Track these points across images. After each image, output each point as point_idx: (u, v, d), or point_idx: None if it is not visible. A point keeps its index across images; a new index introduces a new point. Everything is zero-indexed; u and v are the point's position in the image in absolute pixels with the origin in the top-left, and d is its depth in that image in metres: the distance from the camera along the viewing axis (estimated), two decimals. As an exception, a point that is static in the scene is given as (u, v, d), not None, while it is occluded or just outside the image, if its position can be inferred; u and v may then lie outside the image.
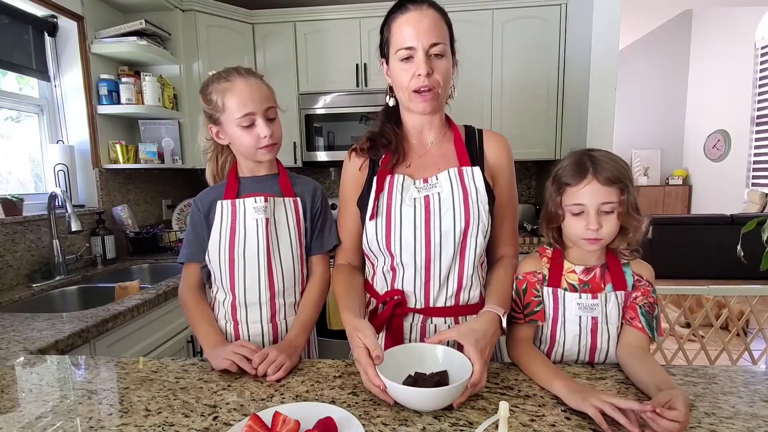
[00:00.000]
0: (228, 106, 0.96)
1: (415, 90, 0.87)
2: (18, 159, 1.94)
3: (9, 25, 1.81)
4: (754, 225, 1.70)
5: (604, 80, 2.16)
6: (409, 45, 0.85)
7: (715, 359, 1.62)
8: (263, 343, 1.00)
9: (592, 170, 0.81)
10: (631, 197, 0.82)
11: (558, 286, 0.87)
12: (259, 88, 0.98)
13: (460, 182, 0.91)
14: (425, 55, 0.85)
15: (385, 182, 0.93)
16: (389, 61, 0.91)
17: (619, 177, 0.81)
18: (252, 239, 0.99)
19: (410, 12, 0.85)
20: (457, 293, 0.92)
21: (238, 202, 1.00)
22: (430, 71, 0.85)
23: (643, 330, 0.82)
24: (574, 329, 0.86)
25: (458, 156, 0.94)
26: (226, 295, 1.01)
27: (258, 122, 0.96)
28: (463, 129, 1.00)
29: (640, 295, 0.85)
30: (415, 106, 0.90)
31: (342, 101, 2.61)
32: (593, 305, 0.84)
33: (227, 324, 1.02)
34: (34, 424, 0.68)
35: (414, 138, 0.98)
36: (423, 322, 0.93)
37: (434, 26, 0.85)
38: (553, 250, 0.91)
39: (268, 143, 0.98)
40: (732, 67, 5.70)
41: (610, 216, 0.81)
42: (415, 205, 0.90)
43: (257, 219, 0.99)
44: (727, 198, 5.72)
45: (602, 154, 0.84)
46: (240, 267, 0.99)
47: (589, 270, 0.87)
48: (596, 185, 0.80)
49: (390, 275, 0.94)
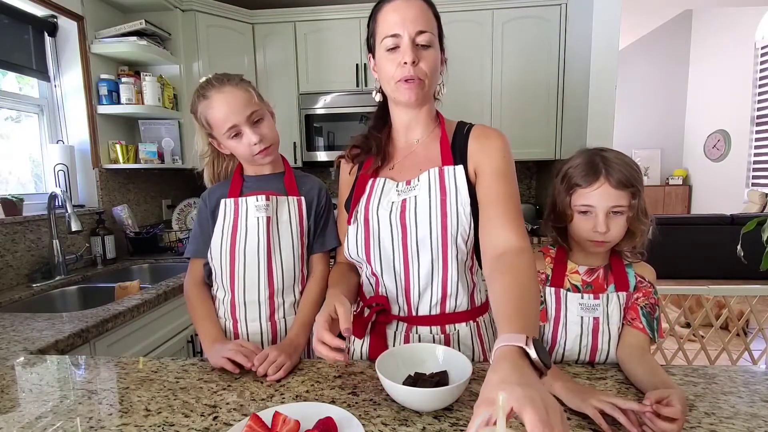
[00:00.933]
0: (213, 124, 0.97)
1: (399, 80, 0.83)
2: (18, 159, 1.94)
3: (9, 25, 1.81)
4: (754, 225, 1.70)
5: (604, 80, 2.16)
6: (394, 32, 0.81)
7: (715, 359, 1.62)
8: (262, 342, 1.01)
9: (604, 172, 0.80)
10: (641, 201, 0.81)
11: (561, 286, 0.87)
12: (235, 97, 0.95)
13: (440, 183, 0.85)
14: (411, 43, 0.80)
15: (366, 186, 0.91)
16: (375, 54, 0.87)
17: (631, 181, 0.80)
18: (252, 237, 0.99)
19: (396, 1, 0.82)
20: (442, 301, 0.87)
21: (241, 200, 1.01)
22: (416, 59, 0.80)
23: (644, 330, 0.82)
24: (575, 330, 0.86)
25: (442, 155, 0.88)
26: (226, 293, 1.02)
27: (244, 131, 0.96)
28: (455, 126, 0.93)
29: (642, 296, 0.84)
30: (401, 95, 0.84)
31: (342, 101, 2.61)
32: (595, 305, 0.84)
33: (226, 322, 1.02)
34: (34, 424, 0.68)
35: (401, 136, 0.94)
36: (407, 331, 0.89)
37: (421, 14, 0.81)
38: (556, 250, 0.91)
39: (260, 148, 0.98)
40: (732, 67, 5.70)
41: (618, 219, 0.81)
42: (392, 210, 0.87)
43: (258, 217, 0.99)
44: (727, 198, 5.72)
45: (615, 155, 0.83)
46: (240, 265, 0.99)
47: (593, 271, 0.86)
48: (608, 188, 0.80)
49: (373, 280, 0.92)
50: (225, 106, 0.94)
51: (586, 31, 2.19)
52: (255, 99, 0.99)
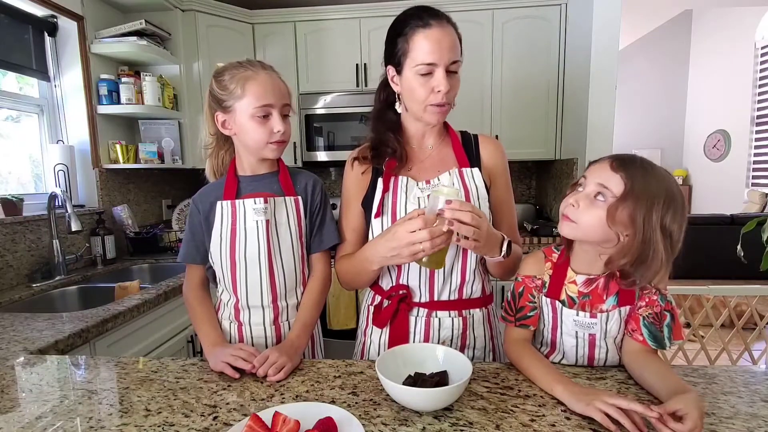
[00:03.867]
0: (247, 94, 0.92)
1: (432, 104, 0.89)
2: (18, 159, 1.94)
3: (9, 25, 1.81)
4: (754, 225, 1.70)
5: (604, 80, 2.16)
6: (431, 61, 0.85)
7: (715, 359, 1.62)
8: (266, 345, 1.00)
9: (610, 156, 0.77)
10: (650, 217, 0.71)
11: (557, 297, 0.84)
12: (279, 84, 0.96)
13: (461, 182, 0.95)
14: (446, 72, 0.86)
15: (389, 183, 0.96)
16: (402, 71, 0.90)
17: (632, 170, 0.74)
18: (252, 242, 0.97)
19: (433, 28, 0.85)
20: (460, 287, 0.96)
21: (238, 203, 0.98)
22: (449, 88, 0.87)
23: (644, 343, 0.79)
24: (570, 341, 0.84)
25: (457, 158, 0.98)
26: (230, 296, 1.01)
27: (274, 115, 0.94)
28: (460, 134, 1.03)
29: (645, 305, 0.80)
30: (430, 118, 0.92)
31: (342, 101, 2.61)
32: (591, 324, 0.81)
33: (231, 324, 1.02)
34: (34, 424, 0.68)
35: (415, 143, 1.01)
36: (428, 316, 0.96)
37: (454, 44, 0.87)
38: (559, 255, 0.87)
39: (280, 139, 0.96)
40: (732, 67, 5.70)
41: (594, 202, 0.75)
42: (419, 204, 0.93)
43: (257, 221, 0.97)
44: (727, 198, 5.72)
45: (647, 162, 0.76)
46: (242, 270, 0.98)
47: (592, 281, 0.82)
48: (605, 163, 0.76)
49: (395, 271, 0.97)
50: (270, 85, 0.94)
51: (586, 31, 2.19)
52: (290, 98, 1.00)
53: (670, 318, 0.79)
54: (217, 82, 0.96)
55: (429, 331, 0.95)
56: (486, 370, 0.84)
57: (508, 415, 0.68)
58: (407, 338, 0.96)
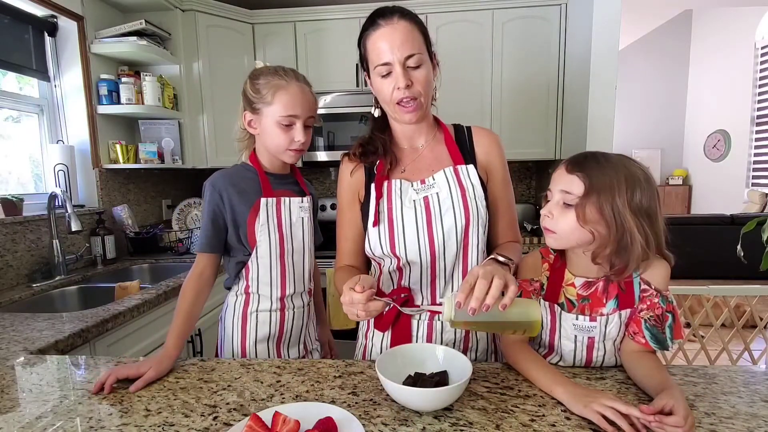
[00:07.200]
0: (276, 102, 0.99)
1: (398, 102, 0.88)
2: (18, 159, 1.94)
3: (9, 25, 1.81)
4: (754, 225, 1.70)
5: (604, 80, 2.16)
6: (384, 61, 0.85)
7: (715, 359, 1.62)
8: (304, 325, 1.12)
9: (566, 161, 0.79)
10: (616, 205, 0.73)
11: (555, 301, 0.83)
12: (309, 97, 1.03)
13: (457, 180, 0.93)
14: (402, 68, 0.85)
15: (383, 188, 0.95)
16: (370, 75, 0.92)
17: (587, 169, 0.75)
18: (298, 237, 1.08)
19: (382, 27, 0.85)
20: None
21: (284, 200, 1.06)
22: (409, 83, 0.86)
23: (647, 345, 0.79)
24: (569, 345, 0.84)
25: (451, 155, 0.97)
26: (274, 288, 1.06)
27: (297, 126, 1.01)
28: (452, 128, 1.01)
29: (646, 308, 0.79)
30: (401, 117, 0.91)
31: (342, 101, 2.61)
32: (591, 327, 0.81)
33: (272, 314, 1.07)
34: (34, 424, 0.68)
35: (405, 143, 1.00)
36: (430, 319, 0.95)
37: (407, 38, 0.85)
38: (555, 257, 0.87)
39: (299, 147, 1.02)
40: (732, 67, 5.70)
41: (564, 208, 0.77)
42: (416, 207, 0.93)
43: (303, 218, 1.08)
44: (727, 198, 5.73)
45: (615, 156, 0.78)
46: (289, 264, 1.07)
47: (590, 284, 0.81)
48: (562, 171, 0.78)
49: (396, 275, 0.96)
50: (299, 97, 1.00)
51: (586, 31, 2.19)
52: (317, 110, 1.07)
53: (671, 319, 0.79)
54: (251, 84, 1.02)
55: (431, 334, 0.95)
56: (486, 370, 0.84)
57: (508, 415, 0.68)
58: (410, 342, 0.95)
